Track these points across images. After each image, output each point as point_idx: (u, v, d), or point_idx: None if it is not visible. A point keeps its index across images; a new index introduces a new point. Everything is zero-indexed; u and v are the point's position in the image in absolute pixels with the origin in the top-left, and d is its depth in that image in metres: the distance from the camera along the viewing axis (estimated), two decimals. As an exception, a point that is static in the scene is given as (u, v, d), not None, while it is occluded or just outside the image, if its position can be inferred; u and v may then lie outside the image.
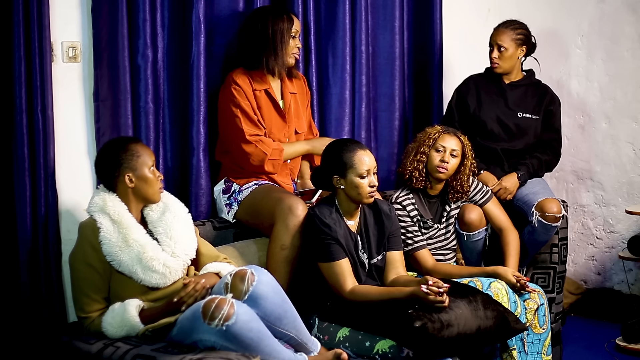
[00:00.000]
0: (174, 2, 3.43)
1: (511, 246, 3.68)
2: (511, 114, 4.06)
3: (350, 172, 3.15)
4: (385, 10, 4.20)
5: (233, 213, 3.47)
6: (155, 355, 2.60)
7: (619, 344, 4.19)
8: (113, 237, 2.79)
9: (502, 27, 4.08)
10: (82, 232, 2.84)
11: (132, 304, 2.76)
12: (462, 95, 4.11)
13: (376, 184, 3.18)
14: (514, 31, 4.05)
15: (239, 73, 3.52)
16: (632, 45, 4.58)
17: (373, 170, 3.17)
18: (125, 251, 2.79)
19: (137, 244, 2.80)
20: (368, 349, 3.00)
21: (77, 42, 3.21)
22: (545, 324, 3.46)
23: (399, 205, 3.58)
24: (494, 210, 3.76)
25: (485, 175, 3.97)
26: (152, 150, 2.95)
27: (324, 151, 3.30)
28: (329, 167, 3.21)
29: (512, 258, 3.65)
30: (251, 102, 3.48)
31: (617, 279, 4.73)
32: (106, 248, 2.78)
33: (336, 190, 3.22)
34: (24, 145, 2.94)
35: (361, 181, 3.14)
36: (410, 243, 3.55)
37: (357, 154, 3.15)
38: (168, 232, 2.89)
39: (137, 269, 2.79)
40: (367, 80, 4.08)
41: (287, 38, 3.53)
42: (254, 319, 2.67)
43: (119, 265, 2.79)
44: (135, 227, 2.84)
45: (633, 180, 4.64)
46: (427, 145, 3.61)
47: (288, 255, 3.26)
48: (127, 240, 2.80)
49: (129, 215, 2.85)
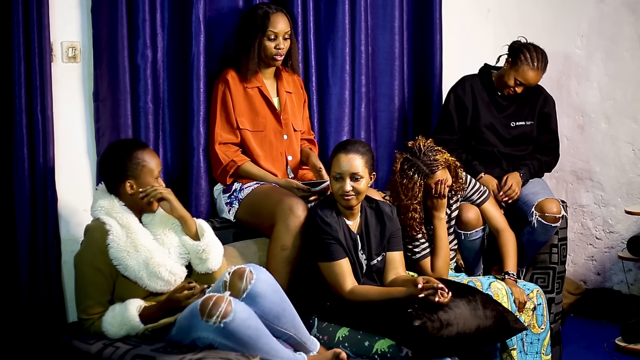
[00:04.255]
0: (174, 2, 3.43)
1: (509, 247, 3.67)
2: (505, 123, 4.05)
3: (330, 171, 3.18)
4: (385, 11, 4.20)
5: (234, 211, 3.47)
6: (155, 355, 2.60)
7: (618, 344, 4.19)
8: (121, 241, 2.79)
9: (540, 70, 3.93)
10: (90, 234, 2.84)
11: (132, 304, 2.76)
12: (460, 98, 4.08)
13: (346, 191, 3.10)
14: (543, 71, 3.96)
15: (232, 70, 3.52)
16: (631, 45, 4.58)
17: (348, 175, 3.11)
18: (133, 256, 2.79)
19: (145, 249, 2.81)
20: (367, 348, 3.00)
21: (76, 42, 3.21)
22: (543, 323, 3.46)
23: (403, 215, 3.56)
24: (491, 210, 3.75)
25: (486, 178, 3.96)
26: (159, 159, 2.93)
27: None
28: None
29: (510, 259, 3.64)
30: (235, 102, 3.48)
31: (616, 279, 4.73)
32: (113, 252, 2.78)
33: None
34: (24, 146, 2.94)
35: (335, 183, 3.16)
36: (417, 252, 3.55)
37: (337, 156, 3.15)
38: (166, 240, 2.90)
39: (143, 275, 2.80)
40: (367, 81, 4.08)
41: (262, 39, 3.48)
42: (252, 316, 2.67)
43: (124, 269, 2.79)
44: (143, 232, 2.85)
45: (632, 181, 4.64)
46: (417, 203, 3.46)
47: (288, 255, 3.26)
48: (136, 245, 2.80)
49: (136, 220, 2.86)
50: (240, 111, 3.51)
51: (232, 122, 3.49)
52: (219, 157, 3.47)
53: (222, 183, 3.52)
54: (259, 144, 3.56)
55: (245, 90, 3.52)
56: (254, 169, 3.50)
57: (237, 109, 3.50)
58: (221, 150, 3.48)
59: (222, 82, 3.50)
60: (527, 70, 3.90)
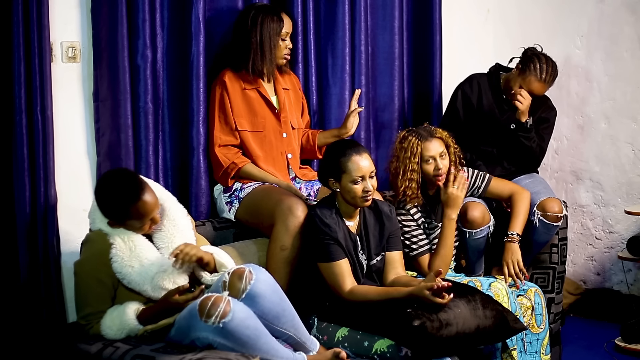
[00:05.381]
0: (174, 2, 3.43)
1: (519, 206, 3.68)
2: (506, 125, 4.04)
3: (344, 177, 3.13)
4: (385, 11, 4.20)
5: (234, 211, 3.47)
6: (155, 355, 2.60)
7: (618, 344, 4.19)
8: (125, 255, 2.78)
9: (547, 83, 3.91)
10: (91, 245, 2.83)
11: (130, 307, 2.76)
12: (467, 96, 4.07)
13: (370, 190, 3.13)
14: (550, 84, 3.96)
15: (229, 71, 3.52)
16: (631, 45, 4.58)
17: (368, 175, 3.13)
18: (138, 270, 2.78)
19: (150, 263, 2.80)
20: (367, 348, 3.00)
21: (76, 42, 3.21)
22: (542, 323, 3.46)
23: (402, 211, 3.56)
24: (498, 185, 3.76)
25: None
26: (157, 199, 2.85)
27: (325, 151, 3.29)
28: (326, 169, 3.21)
29: (517, 219, 3.65)
30: (233, 103, 3.48)
31: (616, 279, 4.73)
32: (117, 266, 2.77)
33: (333, 191, 3.22)
34: (24, 146, 2.94)
35: (354, 187, 3.12)
36: (415, 248, 3.54)
37: (352, 160, 3.12)
38: (170, 247, 2.88)
39: (147, 288, 2.79)
40: (367, 81, 4.08)
41: (276, 40, 3.52)
42: (251, 316, 2.67)
43: (128, 282, 2.78)
44: (147, 246, 2.84)
45: (632, 181, 4.64)
46: (414, 162, 3.51)
47: (288, 256, 3.26)
48: (141, 259, 2.79)
49: (138, 235, 2.84)
50: (238, 112, 3.51)
51: (230, 124, 3.49)
52: (219, 160, 3.47)
53: (224, 185, 3.52)
54: (259, 144, 3.56)
55: (243, 91, 3.52)
56: (255, 170, 3.50)
57: (235, 111, 3.50)
58: (221, 152, 3.48)
59: (219, 84, 3.50)
60: (534, 80, 3.87)
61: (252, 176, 3.50)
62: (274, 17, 3.51)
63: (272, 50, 3.51)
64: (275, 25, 3.50)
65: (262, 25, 3.48)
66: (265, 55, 3.50)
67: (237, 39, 3.52)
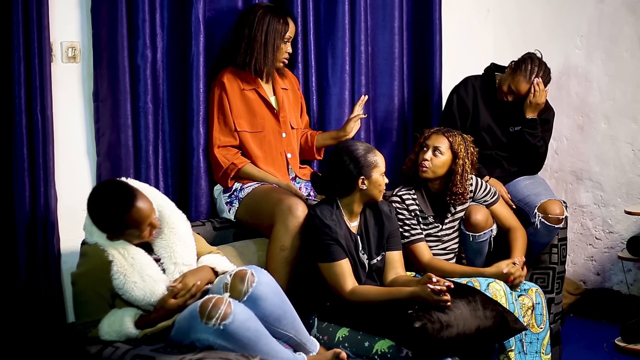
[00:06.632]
0: (174, 2, 3.43)
1: (518, 241, 3.68)
2: (503, 127, 4.04)
3: (375, 171, 3.19)
4: (385, 11, 4.20)
5: (234, 211, 3.47)
6: (155, 355, 2.60)
7: (618, 345, 4.19)
8: (128, 271, 2.74)
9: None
10: (89, 260, 2.79)
11: (128, 315, 2.74)
12: (462, 99, 4.07)
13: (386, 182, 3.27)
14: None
15: (228, 72, 3.52)
16: (631, 45, 4.58)
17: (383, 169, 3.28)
18: (140, 286, 2.75)
19: (151, 279, 2.77)
20: (367, 349, 3.00)
21: (76, 42, 3.21)
22: (542, 323, 3.46)
23: (397, 199, 3.58)
24: (502, 211, 3.76)
25: (492, 182, 3.95)
26: (151, 204, 2.82)
27: (335, 159, 3.23)
28: (353, 172, 3.17)
29: (518, 250, 3.64)
30: (232, 104, 3.48)
31: (616, 279, 4.73)
32: (118, 283, 2.74)
33: (352, 192, 3.21)
34: (24, 146, 2.94)
35: (384, 178, 3.23)
36: (407, 236, 3.54)
37: (376, 153, 3.23)
38: (172, 256, 2.86)
39: (148, 302, 2.77)
40: (367, 81, 4.08)
41: (279, 42, 3.52)
42: (251, 318, 2.67)
43: (129, 298, 2.76)
44: (146, 260, 2.80)
45: (632, 181, 4.64)
46: (418, 144, 3.65)
47: (288, 256, 3.26)
48: (142, 275, 2.76)
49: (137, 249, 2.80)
50: (237, 113, 3.51)
51: (230, 125, 3.49)
52: (219, 161, 3.47)
53: (224, 186, 3.52)
54: (258, 145, 3.56)
55: (242, 91, 3.52)
56: (255, 171, 3.50)
57: (234, 111, 3.50)
58: (221, 153, 3.48)
59: (218, 85, 3.50)
60: (522, 80, 3.88)
61: (251, 176, 3.50)
62: (281, 19, 3.52)
63: (274, 51, 3.51)
64: (280, 27, 3.51)
65: (268, 25, 3.49)
66: (267, 55, 3.50)
67: (240, 35, 3.51)
